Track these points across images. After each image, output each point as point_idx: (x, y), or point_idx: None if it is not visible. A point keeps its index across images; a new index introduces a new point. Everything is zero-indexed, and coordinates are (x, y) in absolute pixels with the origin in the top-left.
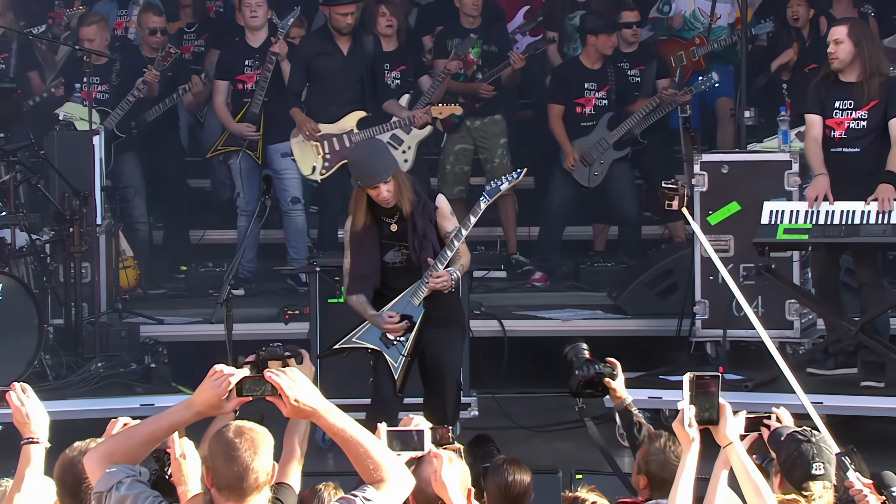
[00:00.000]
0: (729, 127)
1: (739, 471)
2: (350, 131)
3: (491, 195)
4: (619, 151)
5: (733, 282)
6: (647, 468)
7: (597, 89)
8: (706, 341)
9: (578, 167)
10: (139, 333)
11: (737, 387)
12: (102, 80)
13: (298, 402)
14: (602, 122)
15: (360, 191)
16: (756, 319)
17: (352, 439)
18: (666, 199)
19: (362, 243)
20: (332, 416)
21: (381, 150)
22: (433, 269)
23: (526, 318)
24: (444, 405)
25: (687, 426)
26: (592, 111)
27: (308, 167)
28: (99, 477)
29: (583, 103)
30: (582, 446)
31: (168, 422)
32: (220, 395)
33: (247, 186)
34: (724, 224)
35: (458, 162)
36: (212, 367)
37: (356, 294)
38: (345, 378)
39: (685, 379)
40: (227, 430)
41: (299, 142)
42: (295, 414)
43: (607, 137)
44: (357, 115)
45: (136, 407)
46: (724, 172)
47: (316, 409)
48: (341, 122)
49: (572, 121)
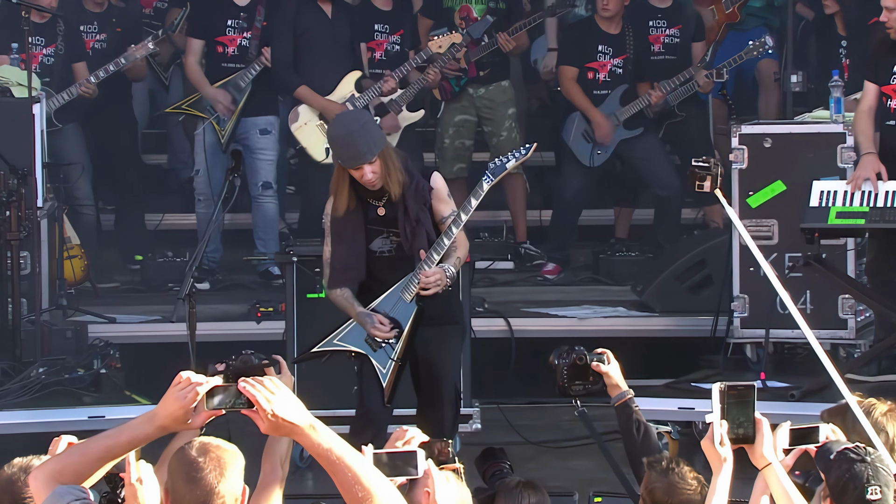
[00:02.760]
0: (773, 94)
1: (780, 497)
2: (351, 96)
3: (495, 174)
4: (631, 131)
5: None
6: (652, 498)
7: (612, 55)
8: (746, 343)
9: (580, 142)
10: (87, 334)
11: (781, 396)
12: (47, 42)
13: (277, 417)
14: (615, 95)
15: (342, 169)
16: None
17: (339, 461)
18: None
19: (345, 229)
20: (316, 434)
21: (365, 125)
22: (426, 264)
23: (536, 317)
24: (440, 417)
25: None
26: (607, 78)
27: (320, 151)
28: (45, 498)
29: (596, 68)
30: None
31: (127, 437)
32: (186, 408)
33: (210, 164)
34: (766, 207)
35: (459, 135)
36: (177, 375)
37: (339, 288)
38: (324, 386)
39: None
40: (189, 447)
41: (301, 126)
42: (273, 430)
43: (618, 113)
44: (352, 76)
45: (84, 419)
46: (766, 147)
47: (298, 426)
48: (338, 90)
49: (583, 87)
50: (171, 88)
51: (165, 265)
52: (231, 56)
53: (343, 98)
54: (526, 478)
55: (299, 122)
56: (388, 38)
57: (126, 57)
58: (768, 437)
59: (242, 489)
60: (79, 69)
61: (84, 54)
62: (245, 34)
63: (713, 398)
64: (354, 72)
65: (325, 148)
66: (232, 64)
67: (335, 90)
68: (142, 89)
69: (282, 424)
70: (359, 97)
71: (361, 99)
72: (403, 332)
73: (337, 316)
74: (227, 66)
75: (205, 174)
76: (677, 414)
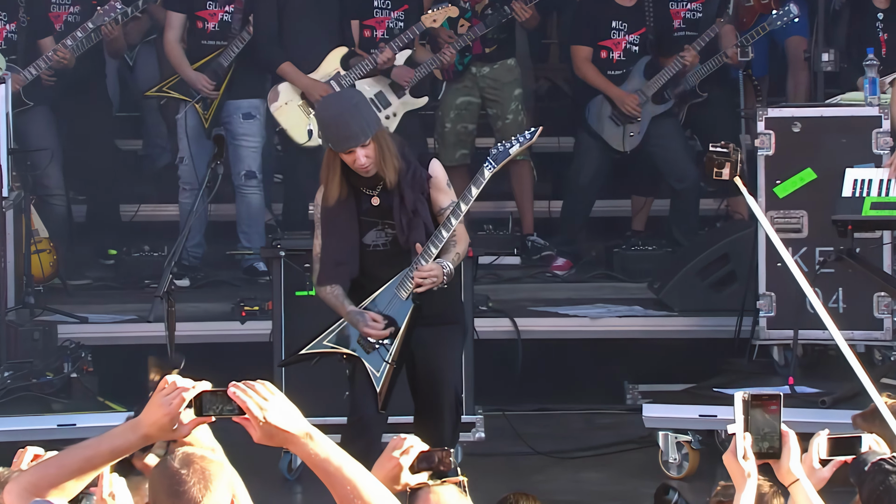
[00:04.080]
0: (803, 73)
1: None
2: (336, 74)
3: (498, 160)
4: (661, 105)
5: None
6: None
7: (628, 30)
8: (772, 345)
9: (609, 126)
10: (57, 335)
11: (811, 403)
12: (10, 17)
13: (270, 425)
14: (637, 69)
15: (333, 155)
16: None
17: (337, 473)
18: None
19: (336, 221)
20: (313, 444)
21: (357, 105)
22: (422, 258)
23: (545, 316)
24: (440, 426)
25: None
26: (622, 57)
27: (302, 132)
28: None
29: (610, 46)
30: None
31: (108, 446)
32: (172, 415)
33: (194, 151)
34: (795, 197)
35: (461, 119)
36: (162, 379)
37: (329, 284)
38: (313, 392)
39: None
40: (172, 458)
41: (281, 106)
42: (267, 439)
43: (644, 88)
44: (338, 52)
45: (53, 428)
46: (795, 131)
47: (293, 434)
48: (322, 68)
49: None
50: (136, 69)
51: (142, 260)
52: (211, 32)
53: (327, 76)
54: (534, 491)
55: (280, 102)
56: (389, 14)
57: (94, 21)
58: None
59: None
60: (45, 45)
61: (50, 28)
62: (227, 7)
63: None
64: (340, 48)
65: (307, 130)
66: (212, 41)
67: (319, 68)
68: (113, 68)
69: (276, 433)
70: (345, 75)
71: (348, 77)
72: (399, 333)
73: (328, 315)
74: (208, 43)
75: (190, 162)
76: (698, 422)
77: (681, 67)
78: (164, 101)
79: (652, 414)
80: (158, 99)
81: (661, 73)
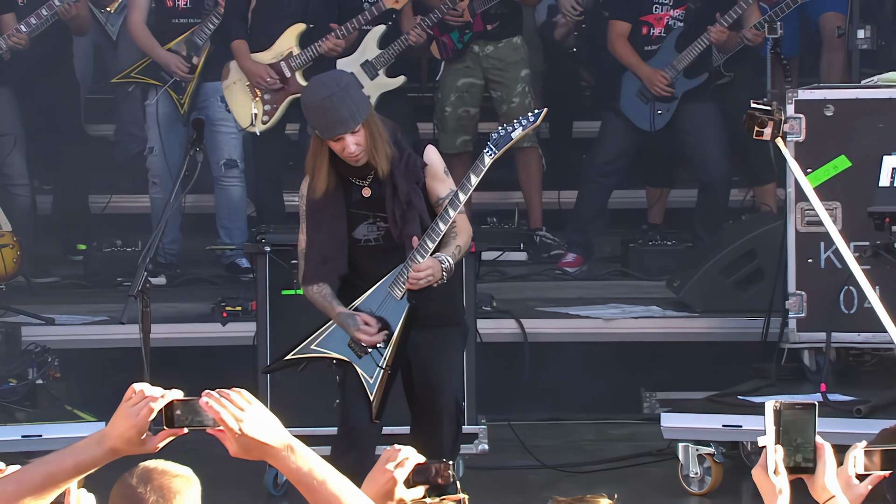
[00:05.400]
0: (837, 53)
1: None
2: (289, 54)
3: (499, 146)
4: (693, 80)
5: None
6: None
7: (672, 4)
8: (803, 349)
9: (636, 104)
10: (20, 337)
11: (845, 412)
12: None
13: (247, 437)
14: (669, 43)
15: (320, 142)
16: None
17: (321, 488)
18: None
19: (324, 214)
20: (295, 457)
21: (346, 87)
22: (418, 253)
23: (554, 317)
24: (439, 437)
25: (772, 473)
26: (662, 34)
27: (245, 116)
28: None
29: (651, 22)
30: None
31: (72, 461)
32: (139, 426)
33: (165, 139)
34: (827, 187)
35: (463, 102)
36: (129, 387)
37: (316, 283)
38: (301, 400)
39: (768, 408)
40: (130, 474)
41: (230, 85)
42: (244, 452)
43: (675, 62)
44: (295, 29)
45: (17, 439)
46: (828, 115)
47: (272, 447)
48: (276, 46)
49: (634, 45)
50: (119, 44)
51: (113, 256)
52: (183, 9)
53: (279, 56)
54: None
55: (229, 80)
56: None
57: (48, 7)
58: (831, 466)
59: None
60: (7, 21)
61: (11, 4)
62: None
63: (766, 418)
64: (298, 24)
65: (251, 113)
66: (184, 19)
67: (273, 45)
68: (84, 44)
69: (253, 445)
70: (298, 55)
71: (299, 58)
72: (394, 335)
73: (317, 316)
74: (179, 21)
75: (160, 152)
76: (722, 433)
77: (708, 43)
78: (132, 89)
79: (671, 424)
80: (127, 86)
81: (691, 47)
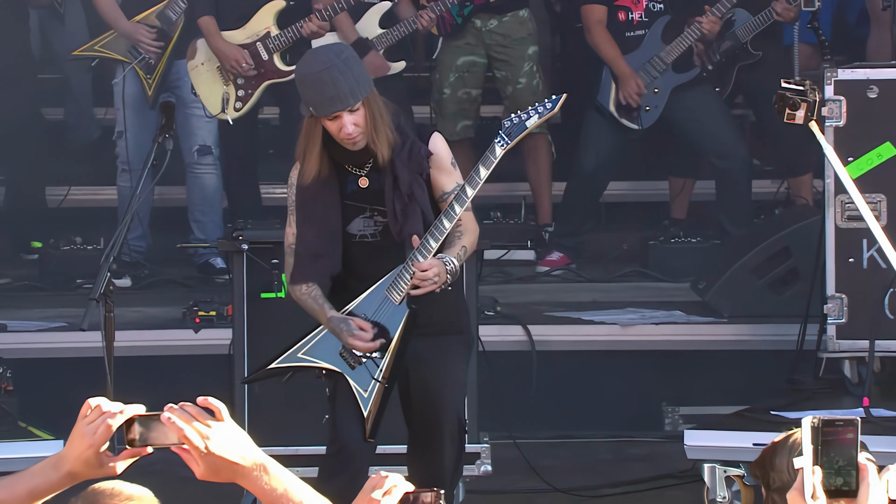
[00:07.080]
0: (882, 29)
1: None
2: (266, 35)
3: (512, 135)
4: (684, 74)
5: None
6: None
7: None
8: (843, 358)
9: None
10: None
11: (890, 428)
12: None
13: (214, 456)
14: (654, 32)
15: (314, 123)
16: None
17: None
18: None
19: (315, 205)
20: (268, 477)
21: (346, 60)
22: (419, 253)
23: (564, 323)
24: (439, 457)
25: (809, 497)
26: (644, 17)
27: (216, 102)
28: None
29: (628, 6)
30: None
31: (26, 487)
32: (97, 446)
33: (135, 124)
34: (871, 177)
35: (463, 83)
36: (85, 403)
37: (305, 282)
38: (285, 416)
39: (805, 425)
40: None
41: (197, 66)
42: (212, 474)
43: (663, 55)
44: (273, 6)
45: None
46: (871, 97)
47: (242, 466)
48: (251, 25)
49: (614, 32)
50: (67, 19)
51: (72, 255)
52: None
53: (254, 36)
54: None
55: (196, 61)
56: None
57: None
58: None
59: None
60: None
61: None
62: None
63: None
64: (275, 1)
65: (221, 98)
66: None
67: (247, 24)
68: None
69: (221, 465)
70: (276, 36)
71: (278, 39)
72: (391, 344)
73: (302, 321)
74: None
75: (129, 137)
76: (752, 452)
77: (699, 35)
78: (95, 62)
79: (695, 443)
80: (89, 60)
81: (681, 37)
